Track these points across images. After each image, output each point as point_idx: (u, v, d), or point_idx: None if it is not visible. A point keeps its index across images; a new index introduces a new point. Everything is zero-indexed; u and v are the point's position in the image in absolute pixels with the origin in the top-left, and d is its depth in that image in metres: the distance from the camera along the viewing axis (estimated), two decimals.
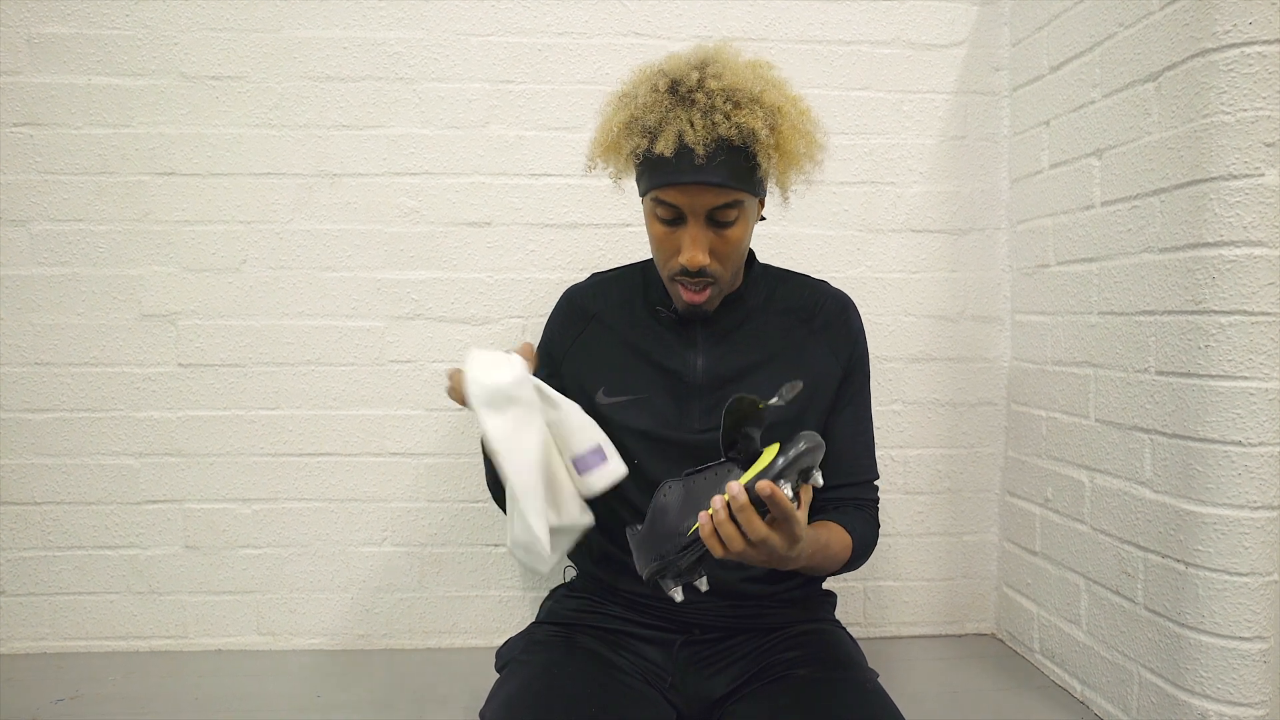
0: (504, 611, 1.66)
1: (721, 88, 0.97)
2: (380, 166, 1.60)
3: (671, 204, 1.02)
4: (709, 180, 0.98)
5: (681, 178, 0.99)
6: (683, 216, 1.03)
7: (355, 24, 1.58)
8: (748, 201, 1.04)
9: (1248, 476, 1.11)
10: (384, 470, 1.63)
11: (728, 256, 1.05)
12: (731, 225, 1.03)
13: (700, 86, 0.98)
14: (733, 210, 1.02)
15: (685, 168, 0.98)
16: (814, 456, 0.87)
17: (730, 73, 0.99)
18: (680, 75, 0.99)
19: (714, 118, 0.96)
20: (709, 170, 0.98)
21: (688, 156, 0.97)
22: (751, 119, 0.96)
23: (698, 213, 1.01)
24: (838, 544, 1.07)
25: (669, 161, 0.99)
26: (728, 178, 0.98)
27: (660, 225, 1.05)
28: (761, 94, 0.98)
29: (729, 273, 1.07)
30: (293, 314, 1.60)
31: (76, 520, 1.60)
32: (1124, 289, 1.31)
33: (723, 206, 1.01)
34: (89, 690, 1.45)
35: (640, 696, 1.03)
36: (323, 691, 1.45)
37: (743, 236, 1.05)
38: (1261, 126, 1.09)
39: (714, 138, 0.96)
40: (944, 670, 1.55)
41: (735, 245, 1.05)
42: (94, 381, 1.59)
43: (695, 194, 1.00)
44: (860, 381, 1.17)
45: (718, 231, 1.03)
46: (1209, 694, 1.14)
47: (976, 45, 1.66)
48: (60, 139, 1.56)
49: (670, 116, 0.98)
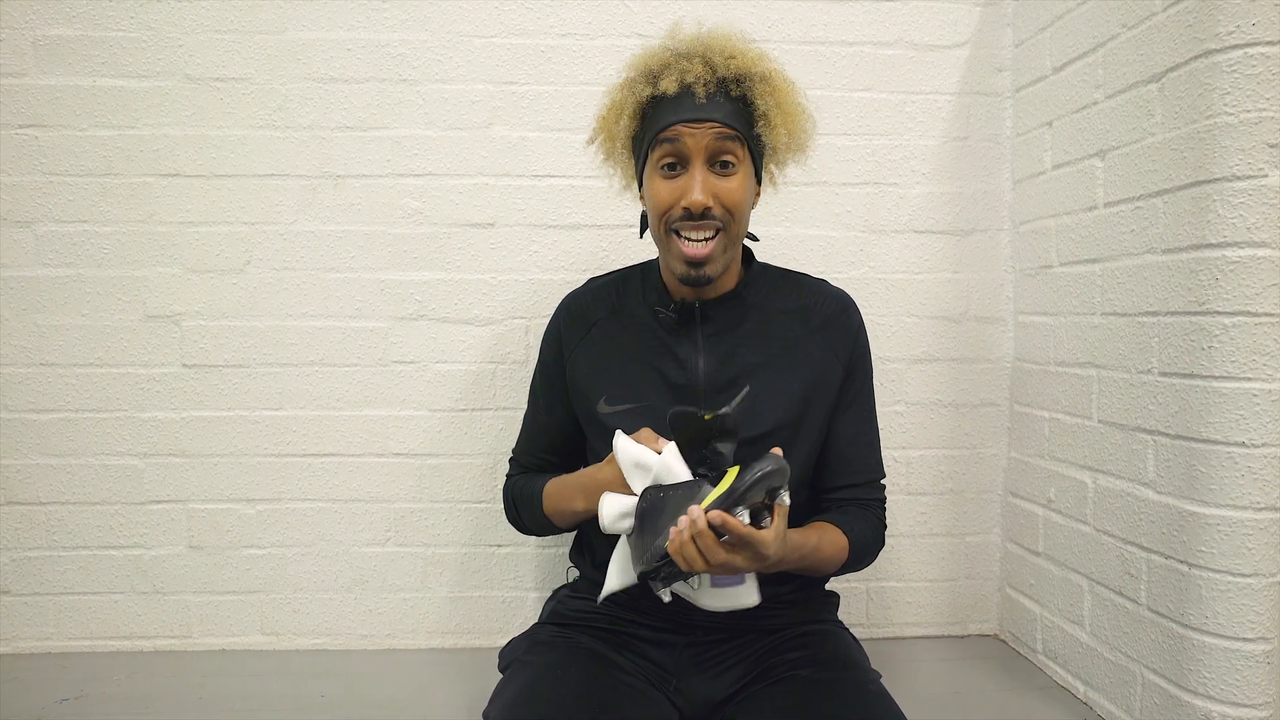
0: (507, 612, 1.66)
1: (717, 43, 1.06)
2: (384, 168, 1.60)
3: (674, 140, 1.04)
4: (710, 115, 1.03)
5: (684, 114, 1.04)
6: (685, 160, 1.05)
7: (359, 26, 1.59)
8: (744, 157, 1.07)
9: (1251, 478, 1.11)
10: (387, 471, 1.63)
11: (731, 203, 1.06)
12: (732, 173, 1.06)
13: (698, 40, 1.07)
14: (732, 156, 1.05)
15: (687, 105, 1.04)
16: (776, 478, 0.87)
17: (724, 38, 1.08)
18: (679, 39, 1.09)
19: (713, 61, 1.04)
20: (710, 108, 1.03)
21: (689, 96, 1.04)
22: (747, 64, 1.05)
23: (699, 152, 1.04)
24: (831, 546, 1.07)
25: (671, 101, 1.05)
26: (728, 117, 1.04)
27: (659, 176, 1.07)
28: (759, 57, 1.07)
29: (733, 228, 1.07)
30: (296, 315, 1.61)
31: (81, 520, 1.61)
32: (1127, 290, 1.31)
33: (723, 150, 1.05)
34: (93, 690, 1.45)
35: (643, 697, 1.03)
36: (326, 691, 1.45)
37: (742, 191, 1.07)
38: (1265, 127, 1.09)
39: (714, 78, 1.04)
40: (947, 671, 1.55)
41: (736, 195, 1.06)
42: (98, 382, 1.59)
43: (696, 134, 1.04)
44: (862, 380, 1.17)
45: (720, 176, 1.06)
46: (1212, 695, 1.14)
47: (979, 46, 1.66)
48: (65, 140, 1.56)
49: (672, 62, 1.06)
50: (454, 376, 1.63)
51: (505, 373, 1.63)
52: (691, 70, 1.03)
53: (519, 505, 1.22)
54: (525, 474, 1.25)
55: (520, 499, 1.22)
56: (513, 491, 1.24)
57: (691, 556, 0.88)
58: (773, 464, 0.86)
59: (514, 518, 1.26)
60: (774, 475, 0.86)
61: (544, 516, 1.17)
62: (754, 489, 0.85)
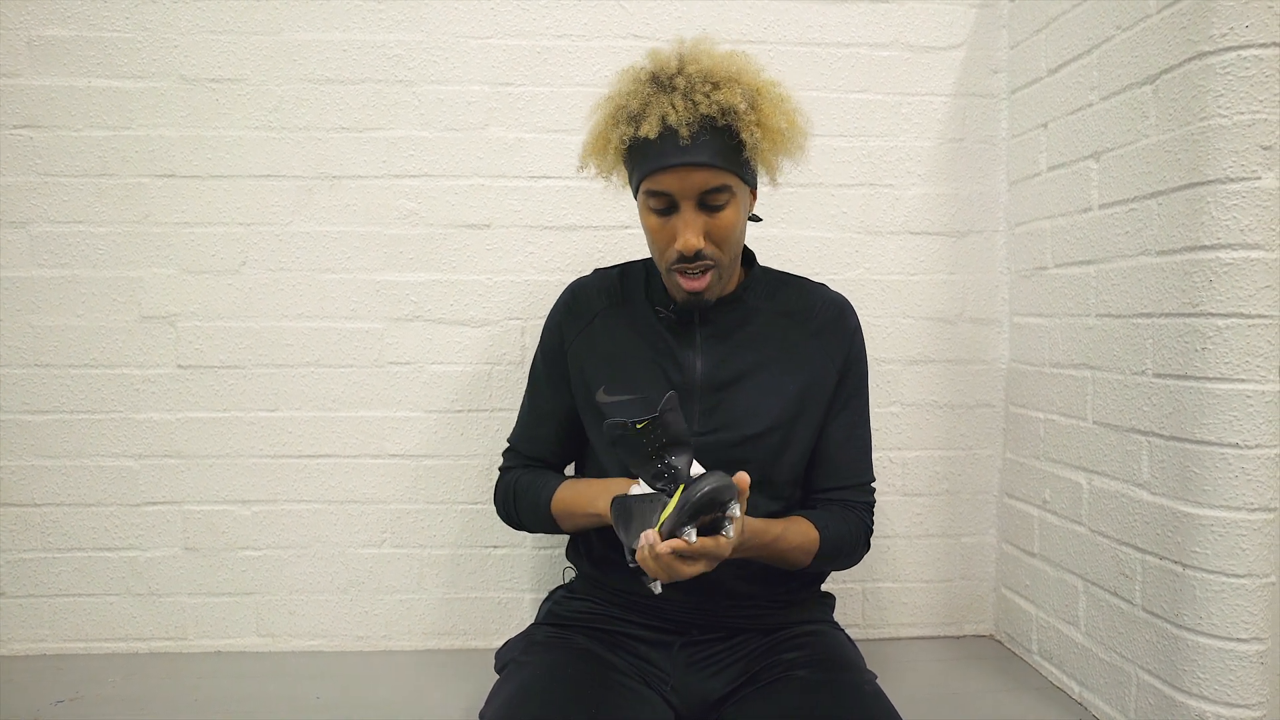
0: (503, 613, 1.66)
1: (699, 70, 1.00)
2: (380, 169, 1.60)
3: (662, 191, 1.03)
4: (696, 160, 1.00)
5: (668, 160, 1.00)
6: (674, 204, 1.04)
7: (355, 27, 1.58)
8: (737, 187, 1.04)
9: (1245, 479, 1.11)
10: (383, 472, 1.63)
11: (723, 240, 1.05)
12: (723, 209, 1.04)
13: (680, 72, 1.01)
14: (722, 194, 1.03)
15: (671, 150, 1.00)
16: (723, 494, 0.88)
17: (707, 58, 1.02)
18: (660, 66, 1.03)
19: (694, 97, 0.99)
20: (695, 150, 0.99)
21: (672, 138, 0.99)
22: (731, 96, 0.99)
23: (688, 196, 1.02)
24: (798, 536, 1.08)
25: (654, 145, 1.01)
26: (714, 157, 1.00)
27: (654, 217, 1.06)
28: (739, 74, 1.02)
29: (727, 257, 1.07)
30: (292, 316, 1.61)
31: (76, 522, 1.60)
32: (1121, 291, 1.31)
33: (712, 190, 1.02)
34: (88, 692, 1.45)
35: (639, 697, 1.03)
36: (322, 693, 1.45)
37: (735, 222, 1.06)
38: (1258, 129, 1.09)
39: (696, 117, 0.99)
40: (942, 672, 1.55)
41: (729, 230, 1.05)
42: (93, 383, 1.59)
43: (683, 176, 1.01)
44: (855, 384, 1.18)
45: (711, 215, 1.04)
46: (1206, 695, 1.15)
47: (975, 48, 1.66)
48: (60, 141, 1.56)
49: (653, 102, 1.01)
50: (450, 378, 1.63)
51: (501, 374, 1.63)
52: (673, 110, 0.99)
53: (518, 500, 1.20)
54: (528, 469, 1.23)
55: (521, 493, 1.19)
56: (514, 485, 1.21)
57: (654, 571, 0.90)
58: (714, 481, 0.88)
59: (508, 511, 1.23)
60: (719, 492, 0.87)
61: (548, 515, 1.15)
62: (698, 506, 0.87)
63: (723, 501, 0.88)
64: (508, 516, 1.24)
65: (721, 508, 0.89)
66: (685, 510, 0.87)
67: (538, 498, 1.17)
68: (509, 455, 1.28)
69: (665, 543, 0.87)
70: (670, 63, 1.03)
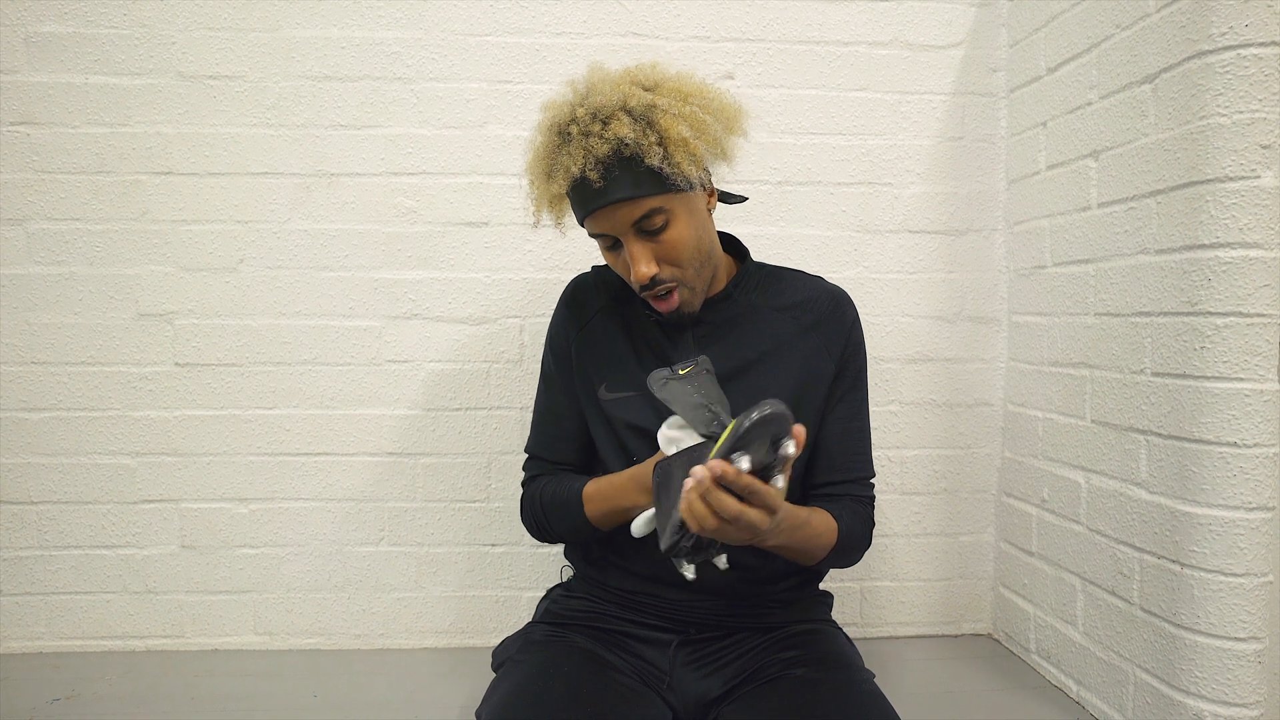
0: (500, 611, 1.66)
1: (587, 111, 1.00)
2: (378, 166, 1.60)
3: (600, 233, 1.05)
4: (612, 199, 1.00)
5: (589, 206, 1.02)
6: (618, 240, 1.05)
7: (353, 24, 1.58)
8: (668, 202, 1.02)
9: (1243, 478, 1.11)
10: (381, 470, 1.63)
11: (678, 259, 1.05)
12: (664, 229, 1.03)
13: (573, 119, 1.01)
14: (656, 217, 1.02)
15: (588, 196, 1.01)
16: (776, 422, 0.82)
17: (596, 93, 1.02)
18: (555, 117, 1.04)
19: (589, 142, 0.99)
20: (608, 190, 1.00)
21: (585, 186, 1.01)
22: (620, 128, 0.98)
23: (624, 231, 1.03)
24: (822, 524, 1.06)
25: (575, 194, 1.03)
26: (631, 188, 1.00)
27: (609, 254, 1.09)
28: (625, 100, 1.00)
29: (690, 271, 1.06)
30: (290, 313, 1.60)
31: (73, 520, 1.60)
32: (1120, 290, 1.31)
33: (642, 218, 1.01)
34: (85, 690, 1.45)
35: (636, 696, 1.03)
36: (319, 691, 1.45)
37: (682, 236, 1.04)
38: (1257, 128, 1.09)
39: (596, 159, 0.99)
40: (940, 671, 1.55)
41: (678, 246, 1.04)
42: (91, 381, 1.59)
43: (609, 216, 1.02)
44: (854, 377, 1.17)
45: (654, 239, 1.03)
46: (1204, 694, 1.15)
47: (974, 46, 1.66)
48: (57, 138, 1.56)
49: (557, 157, 1.02)
50: (448, 376, 1.62)
51: (499, 372, 1.63)
52: (574, 160, 0.99)
53: (549, 511, 1.15)
54: (553, 476, 1.19)
55: (551, 504, 1.15)
56: (541, 497, 1.17)
57: (701, 514, 0.84)
58: (770, 407, 0.82)
59: (539, 525, 1.18)
60: (773, 419, 0.82)
61: (584, 520, 1.11)
62: (753, 432, 0.82)
63: (779, 430, 0.83)
64: (540, 530, 1.19)
65: (776, 442, 0.84)
66: (739, 434, 0.81)
67: (569, 501, 1.12)
68: (530, 465, 1.23)
69: (712, 462, 0.82)
70: (563, 110, 1.03)
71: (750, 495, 0.84)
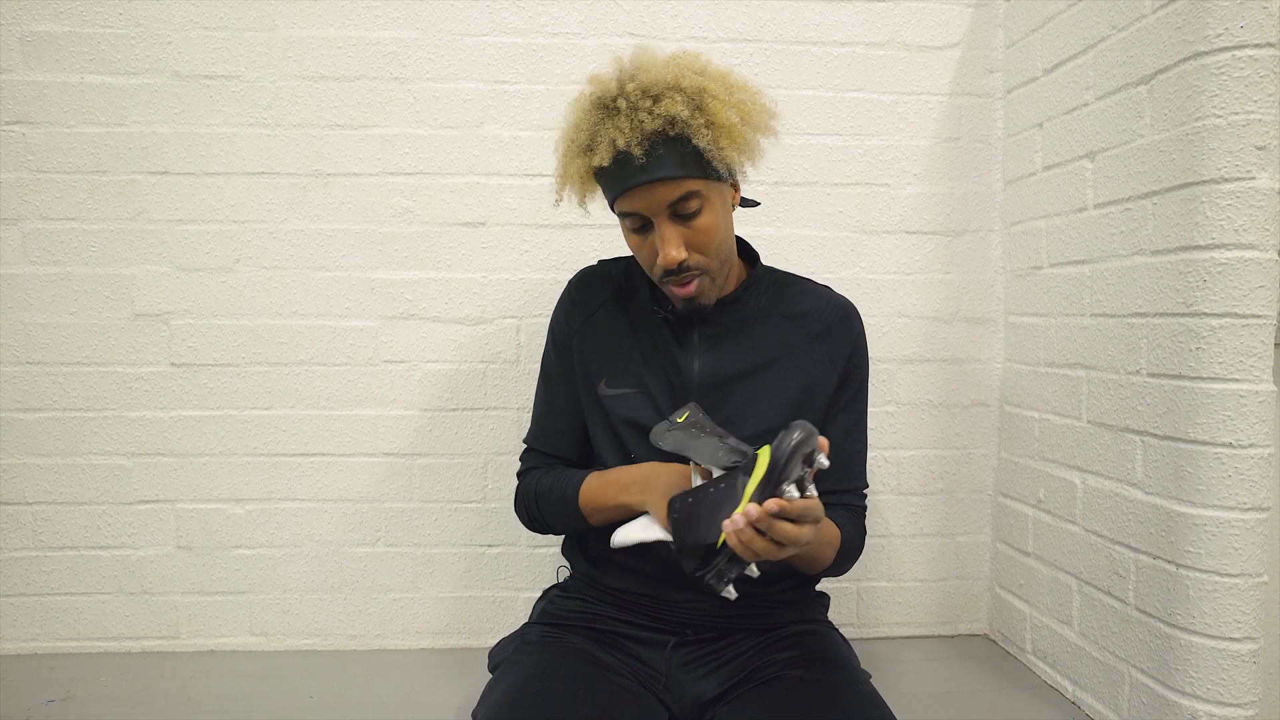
0: (497, 612, 1.66)
1: (638, 87, 1.00)
2: (374, 166, 1.59)
3: (632, 212, 1.04)
4: (654, 176, 1.00)
5: (628, 182, 1.01)
6: (648, 221, 1.04)
7: (350, 23, 1.58)
8: (706, 189, 1.03)
9: (1238, 478, 1.12)
10: (377, 471, 1.63)
11: (706, 246, 1.05)
12: (697, 215, 1.03)
13: (620, 93, 1.01)
14: (693, 200, 1.02)
15: (629, 172, 1.00)
16: (809, 444, 0.85)
17: (646, 72, 1.01)
18: (601, 91, 1.03)
19: (638, 116, 0.98)
20: (651, 167, 0.99)
21: (627, 161, 1.00)
22: (672, 105, 0.98)
23: (659, 211, 1.02)
24: (830, 533, 1.08)
25: (614, 170, 1.02)
26: (673, 168, 1.00)
27: (634, 236, 1.08)
28: (678, 80, 1.00)
29: (714, 261, 1.07)
30: (286, 314, 1.60)
31: (68, 520, 1.60)
32: (1116, 291, 1.31)
33: (680, 200, 1.01)
34: (81, 691, 1.44)
35: (632, 697, 1.03)
36: (315, 692, 1.45)
37: (714, 224, 1.05)
38: (1252, 130, 1.10)
39: (643, 134, 0.98)
40: (936, 671, 1.56)
41: (709, 234, 1.04)
42: (86, 381, 1.58)
43: (647, 194, 1.01)
44: (855, 389, 1.17)
45: (686, 224, 1.03)
46: (1199, 694, 1.15)
47: (971, 47, 1.66)
48: (53, 137, 1.55)
49: (600, 130, 1.01)
50: (444, 376, 1.62)
51: (496, 372, 1.63)
52: (620, 134, 0.98)
53: (541, 501, 1.16)
54: (550, 469, 1.20)
55: (545, 494, 1.16)
56: (536, 486, 1.18)
57: (762, 548, 0.86)
58: (801, 431, 0.84)
59: (530, 514, 1.19)
60: (806, 442, 0.84)
61: (576, 511, 1.12)
62: (793, 460, 0.83)
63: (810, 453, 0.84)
64: (531, 519, 1.20)
65: (810, 460, 0.85)
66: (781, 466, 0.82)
67: (564, 493, 1.13)
68: (527, 456, 1.24)
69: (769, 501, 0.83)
70: (610, 85, 1.03)
71: (804, 516, 0.87)
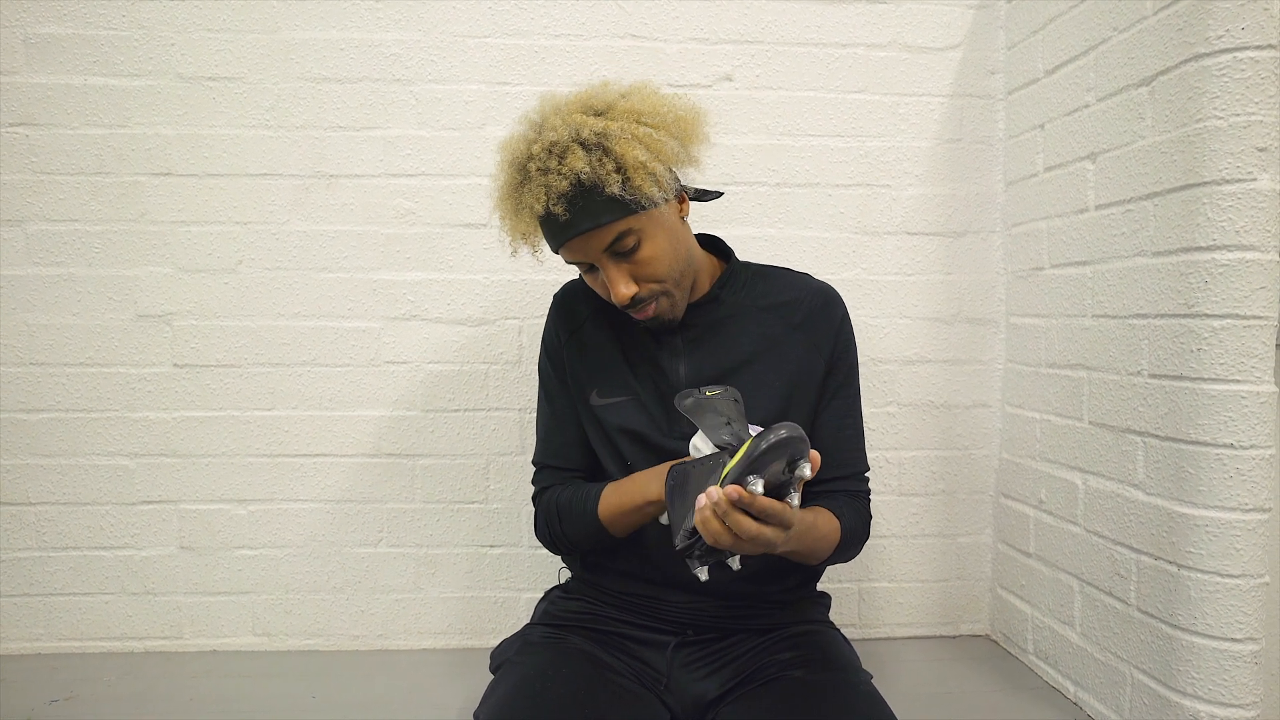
0: (499, 613, 1.66)
1: (543, 148, 0.99)
2: (377, 168, 1.60)
3: (574, 261, 1.05)
4: (580, 229, 1.00)
5: (559, 237, 1.02)
6: (592, 265, 1.05)
7: (352, 25, 1.58)
8: (637, 223, 1.02)
9: (1239, 479, 1.12)
10: (379, 471, 1.63)
11: (654, 274, 1.05)
12: (637, 249, 1.03)
13: (530, 156, 1.00)
14: (628, 238, 1.02)
15: (556, 229, 1.01)
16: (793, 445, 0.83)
17: (550, 127, 1.00)
18: (514, 156, 1.03)
19: (548, 179, 0.98)
20: (576, 221, 0.99)
21: (552, 220, 1.00)
22: (575, 161, 0.97)
23: (597, 257, 1.03)
24: (825, 525, 1.07)
25: (544, 229, 1.03)
26: (596, 216, 0.99)
27: (587, 276, 1.09)
28: (578, 131, 0.99)
29: (669, 282, 1.06)
30: (289, 315, 1.61)
31: (72, 521, 1.60)
32: (1117, 292, 1.31)
33: (614, 241, 1.01)
34: (84, 691, 1.45)
35: (634, 698, 1.03)
36: (318, 692, 1.45)
37: (656, 253, 1.04)
38: (1254, 131, 1.10)
39: (558, 194, 0.98)
40: (938, 672, 1.56)
41: (654, 264, 1.04)
42: (89, 382, 1.59)
43: (581, 245, 1.02)
44: (845, 374, 1.17)
45: (629, 259, 1.03)
46: (1201, 695, 1.15)
47: (972, 49, 1.66)
48: (56, 139, 1.56)
49: (521, 195, 1.01)
50: (447, 377, 1.63)
51: (498, 373, 1.63)
52: (537, 199, 0.98)
53: (563, 516, 1.14)
54: (565, 485, 1.18)
55: (565, 509, 1.14)
56: (554, 503, 1.16)
57: (716, 531, 0.85)
58: (787, 430, 0.82)
59: (553, 532, 1.17)
60: (790, 442, 0.82)
61: (596, 523, 1.11)
62: (769, 455, 0.82)
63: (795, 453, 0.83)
64: (553, 540, 1.18)
65: (792, 463, 0.85)
66: (755, 456, 0.81)
67: (584, 507, 1.12)
68: (540, 476, 1.22)
69: (730, 488, 0.82)
70: (519, 149, 1.02)
71: (766, 516, 0.85)
